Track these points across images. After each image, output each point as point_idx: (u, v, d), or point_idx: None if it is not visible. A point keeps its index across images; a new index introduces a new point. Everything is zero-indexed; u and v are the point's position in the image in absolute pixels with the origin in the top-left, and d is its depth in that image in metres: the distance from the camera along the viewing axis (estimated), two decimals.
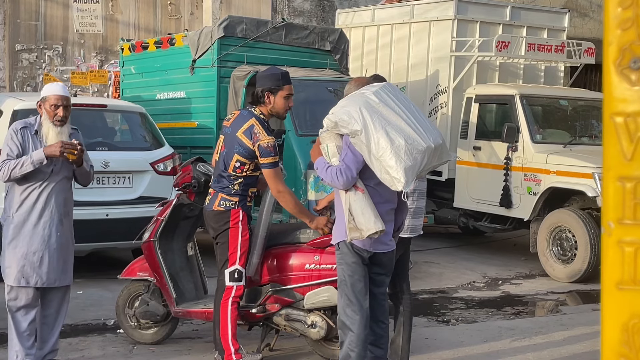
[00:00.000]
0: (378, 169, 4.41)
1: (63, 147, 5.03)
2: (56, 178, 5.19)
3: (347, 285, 4.66)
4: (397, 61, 11.68)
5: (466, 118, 10.45)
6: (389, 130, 4.39)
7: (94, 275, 8.44)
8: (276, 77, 5.38)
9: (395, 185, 4.37)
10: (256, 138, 5.26)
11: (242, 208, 5.36)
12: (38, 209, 5.14)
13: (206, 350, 6.07)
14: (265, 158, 5.26)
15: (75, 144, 5.10)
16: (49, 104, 5.15)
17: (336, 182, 4.50)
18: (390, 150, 4.34)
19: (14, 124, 5.27)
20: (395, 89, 4.74)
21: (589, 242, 8.88)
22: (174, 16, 14.65)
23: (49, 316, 5.34)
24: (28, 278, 5.13)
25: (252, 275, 5.54)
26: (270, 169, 5.26)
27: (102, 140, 8.72)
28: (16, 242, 5.13)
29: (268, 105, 5.38)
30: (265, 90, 5.35)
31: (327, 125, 4.57)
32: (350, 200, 4.50)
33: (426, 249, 10.81)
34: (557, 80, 11.93)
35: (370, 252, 4.68)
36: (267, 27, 9.97)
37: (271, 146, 5.25)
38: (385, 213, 4.63)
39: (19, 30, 13.39)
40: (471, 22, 11.03)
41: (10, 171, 5.03)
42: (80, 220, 7.74)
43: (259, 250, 5.50)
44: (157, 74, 10.66)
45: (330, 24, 14.36)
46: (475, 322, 7.39)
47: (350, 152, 4.51)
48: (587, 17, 17.57)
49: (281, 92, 5.36)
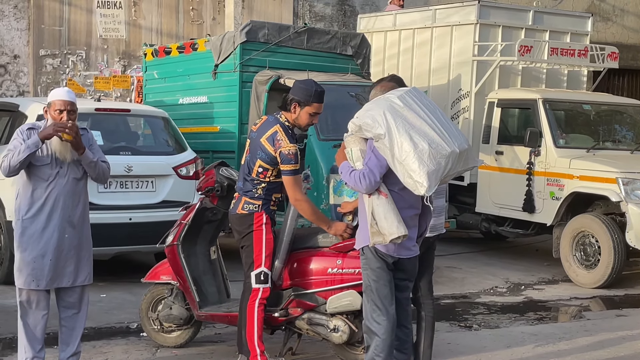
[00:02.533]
0: (401, 173, 4.41)
1: (55, 126, 5.04)
2: (63, 180, 5.18)
3: (372, 290, 4.66)
4: (419, 66, 11.66)
5: (488, 122, 10.41)
6: (413, 135, 4.38)
7: (118, 279, 8.49)
8: (309, 92, 5.37)
9: (418, 189, 4.38)
10: (278, 145, 5.28)
11: (265, 211, 5.38)
12: (46, 211, 5.15)
13: (229, 353, 6.08)
14: (286, 165, 5.27)
15: (66, 123, 5.06)
16: (54, 109, 5.16)
17: (359, 185, 4.51)
18: (414, 154, 4.34)
19: (22, 126, 5.29)
20: (420, 94, 4.73)
21: (613, 247, 8.82)
22: (196, 21, 14.72)
23: (68, 318, 5.35)
24: (38, 281, 5.15)
25: (276, 280, 5.55)
26: (290, 176, 5.28)
27: (125, 144, 8.77)
28: (26, 245, 5.15)
29: (293, 115, 5.39)
30: (294, 101, 5.36)
31: (352, 129, 4.58)
32: (374, 205, 4.50)
33: (448, 254, 10.78)
34: (580, 85, 11.86)
35: (395, 258, 4.67)
36: (289, 32, 9.99)
37: (292, 154, 5.26)
38: (409, 218, 4.63)
39: (43, 36, 13.51)
40: (493, 27, 11.00)
41: (10, 161, 5.03)
42: (104, 224, 7.83)
43: (282, 255, 5.51)
44: (179, 78, 10.72)
45: (351, 28, 14.36)
46: (498, 327, 7.35)
47: (374, 156, 4.52)
48: (610, 22, 17.46)
49: (308, 107, 5.35)
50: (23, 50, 13.39)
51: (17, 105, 8.83)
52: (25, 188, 5.17)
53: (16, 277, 5.21)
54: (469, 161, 4.66)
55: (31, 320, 5.22)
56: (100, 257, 8.34)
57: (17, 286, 5.22)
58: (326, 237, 5.70)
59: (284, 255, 5.52)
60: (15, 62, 13.36)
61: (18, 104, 8.94)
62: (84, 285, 5.35)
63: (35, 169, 5.13)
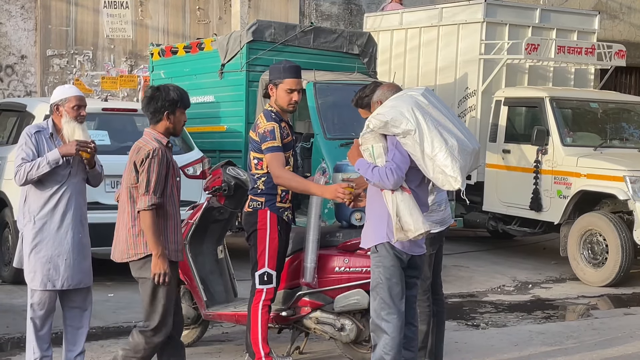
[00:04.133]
0: (431, 168, 4.43)
1: (78, 145, 5.06)
2: (74, 180, 5.20)
3: (383, 288, 4.64)
4: (426, 64, 11.64)
5: (495, 121, 10.40)
6: (442, 131, 4.43)
7: (125, 278, 8.43)
8: (278, 69, 5.35)
9: (452, 184, 4.42)
10: (257, 128, 5.27)
11: (269, 208, 5.30)
12: (60, 211, 5.15)
13: (236, 352, 6.09)
14: (265, 143, 5.21)
15: (89, 142, 5.11)
16: (71, 105, 5.17)
17: (386, 181, 4.48)
18: (445, 150, 4.38)
19: (27, 129, 5.26)
20: (434, 94, 4.76)
21: (620, 245, 8.80)
22: (202, 21, 14.73)
23: (74, 317, 5.36)
24: (54, 281, 5.15)
25: (311, 281, 5.47)
26: (268, 153, 5.18)
27: (132, 144, 8.72)
28: (40, 246, 5.14)
29: (272, 99, 5.36)
30: (270, 83, 5.35)
31: (374, 125, 4.53)
32: (397, 201, 4.50)
33: (455, 253, 10.77)
34: (588, 83, 11.83)
35: (409, 255, 4.68)
36: (295, 31, 10.00)
37: (268, 131, 5.20)
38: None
39: (50, 36, 13.54)
40: (500, 25, 10.98)
41: (27, 173, 5.03)
42: (111, 224, 7.79)
43: (312, 254, 5.44)
44: (186, 78, 10.73)
45: (358, 27, 14.35)
46: (505, 326, 7.35)
47: (398, 152, 4.52)
48: (618, 19, 17.41)
49: (282, 84, 5.30)
50: (30, 51, 13.43)
51: (24, 106, 8.85)
52: (37, 189, 5.16)
53: (30, 278, 5.19)
54: (479, 160, 4.69)
55: (41, 321, 5.23)
56: (107, 257, 8.36)
57: (32, 287, 5.20)
58: (334, 236, 5.71)
59: (313, 254, 5.45)
60: (23, 62, 13.39)
61: (25, 104, 8.97)
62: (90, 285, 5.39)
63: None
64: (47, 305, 5.21)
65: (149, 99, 4.80)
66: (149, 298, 4.71)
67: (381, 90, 4.99)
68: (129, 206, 4.70)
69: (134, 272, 4.79)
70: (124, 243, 4.74)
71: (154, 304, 4.71)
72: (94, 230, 5.99)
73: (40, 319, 5.22)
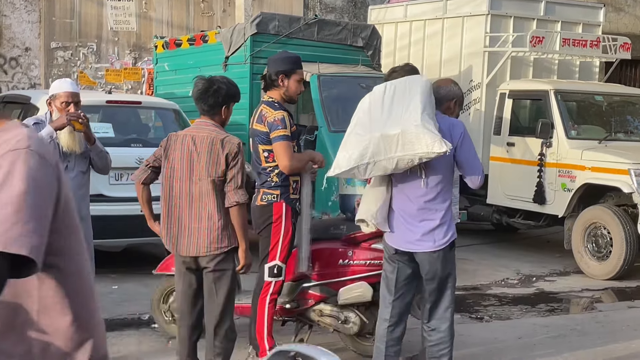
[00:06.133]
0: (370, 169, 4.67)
1: (69, 116, 5.05)
2: (72, 174, 5.20)
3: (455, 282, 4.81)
4: (430, 57, 11.62)
5: (500, 114, 10.38)
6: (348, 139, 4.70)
7: (129, 271, 8.51)
8: (290, 60, 5.38)
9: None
10: (265, 119, 5.23)
11: (285, 201, 5.26)
12: None
13: (239, 344, 6.08)
14: (274, 132, 5.18)
15: (79, 112, 5.09)
16: (60, 101, 5.16)
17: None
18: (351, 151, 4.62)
19: (26, 120, 5.29)
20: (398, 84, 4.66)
21: (625, 238, 8.79)
22: (206, 13, 14.72)
23: None
24: None
25: (306, 270, 5.48)
26: (278, 141, 5.16)
27: (136, 136, 8.79)
28: None
29: (282, 89, 5.33)
30: (280, 73, 5.32)
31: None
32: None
33: (459, 246, 10.69)
34: (592, 76, 11.80)
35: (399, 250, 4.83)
36: (299, 23, 9.98)
37: (279, 119, 5.17)
38: None
39: (54, 28, 13.55)
40: (505, 17, 10.95)
41: None
42: (116, 216, 7.86)
43: (306, 244, 5.43)
44: (190, 71, 10.72)
45: (362, 20, 14.33)
46: (509, 319, 7.35)
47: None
48: (623, 12, 17.35)
49: (294, 75, 5.33)
50: (34, 43, 13.43)
51: (28, 98, 8.86)
52: None
53: None
54: (406, 146, 4.41)
55: None
56: (112, 249, 8.40)
57: None
58: (337, 228, 5.71)
59: (307, 244, 5.44)
60: (27, 54, 13.40)
61: (29, 96, 8.98)
62: None
63: None
64: None
65: (209, 90, 4.74)
66: (226, 292, 4.71)
67: (446, 86, 4.98)
68: (213, 198, 4.62)
69: (212, 265, 4.69)
70: (206, 237, 4.64)
71: (230, 299, 4.75)
72: (98, 223, 5.99)
73: None
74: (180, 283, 4.81)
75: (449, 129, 4.54)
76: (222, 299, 4.72)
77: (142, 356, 5.87)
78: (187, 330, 4.86)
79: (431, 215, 4.61)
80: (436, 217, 4.61)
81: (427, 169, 4.56)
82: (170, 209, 4.73)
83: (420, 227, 4.62)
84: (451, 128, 4.57)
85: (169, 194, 4.71)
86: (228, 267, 4.71)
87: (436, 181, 4.60)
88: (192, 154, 4.63)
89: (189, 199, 4.67)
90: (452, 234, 4.66)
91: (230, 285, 4.74)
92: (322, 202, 8.60)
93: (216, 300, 4.72)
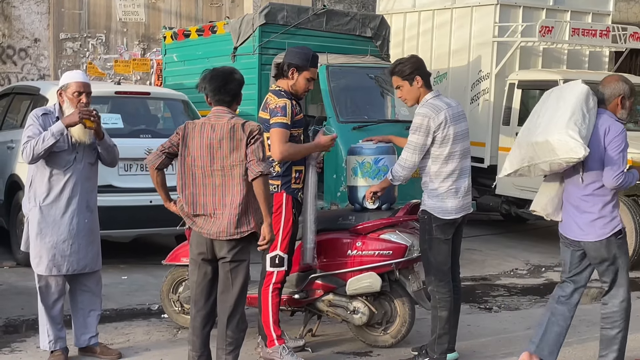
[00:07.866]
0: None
1: (81, 113, 5.04)
2: (80, 165, 5.21)
3: None
4: (439, 47, 11.59)
5: (509, 104, 10.35)
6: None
7: (138, 261, 8.54)
8: (306, 56, 5.38)
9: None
10: (268, 106, 5.27)
11: (285, 191, 5.31)
12: (65, 197, 5.16)
13: (248, 334, 6.10)
14: (274, 118, 5.21)
15: (91, 110, 5.10)
16: (71, 92, 5.16)
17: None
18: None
19: (35, 111, 5.28)
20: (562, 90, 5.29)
21: (635, 229, 8.76)
22: (215, 4, 14.71)
23: (83, 301, 5.40)
24: (59, 266, 5.18)
25: (311, 261, 5.50)
26: (275, 128, 5.18)
27: (145, 127, 8.80)
28: (45, 231, 5.17)
29: (290, 81, 5.36)
30: (292, 66, 5.35)
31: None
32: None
33: (468, 236, 10.74)
34: (602, 66, 11.75)
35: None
36: (308, 14, 9.96)
37: (280, 107, 5.20)
38: None
39: (63, 19, 13.56)
40: (514, 7, 10.90)
41: (33, 149, 5.01)
42: (125, 207, 7.89)
43: (311, 234, 5.45)
44: (198, 61, 10.72)
45: (371, 10, 14.31)
46: (518, 309, 7.35)
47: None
48: (633, 1, 17.26)
49: (306, 72, 5.36)
50: (43, 34, 13.46)
51: (37, 89, 8.88)
52: (42, 174, 5.17)
53: (35, 263, 5.23)
54: (539, 150, 5.17)
55: (51, 304, 5.28)
56: (121, 240, 8.43)
57: (37, 273, 5.25)
58: (346, 219, 5.71)
59: (312, 235, 5.46)
60: (36, 45, 13.42)
61: (39, 87, 8.99)
62: (99, 269, 5.42)
63: (53, 155, 5.13)
64: (53, 289, 5.25)
65: (232, 81, 4.77)
66: (242, 282, 4.70)
67: (610, 85, 5.26)
68: (236, 182, 4.60)
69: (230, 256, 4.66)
70: (228, 221, 4.59)
71: (245, 290, 4.74)
72: (108, 214, 6.02)
73: (49, 302, 5.27)
74: (196, 273, 4.79)
75: (605, 130, 4.99)
76: (238, 290, 4.70)
77: (151, 346, 5.89)
78: (201, 320, 4.84)
79: (590, 208, 5.07)
80: (594, 210, 5.07)
81: (584, 167, 5.01)
82: (194, 198, 4.66)
83: (582, 218, 5.11)
84: (607, 130, 5.00)
85: (192, 182, 4.66)
86: (245, 257, 4.70)
87: (592, 178, 5.05)
88: (213, 141, 4.61)
89: (212, 186, 4.64)
90: (615, 226, 5.09)
91: (246, 275, 4.73)
92: (331, 192, 8.61)
93: (232, 291, 4.70)
